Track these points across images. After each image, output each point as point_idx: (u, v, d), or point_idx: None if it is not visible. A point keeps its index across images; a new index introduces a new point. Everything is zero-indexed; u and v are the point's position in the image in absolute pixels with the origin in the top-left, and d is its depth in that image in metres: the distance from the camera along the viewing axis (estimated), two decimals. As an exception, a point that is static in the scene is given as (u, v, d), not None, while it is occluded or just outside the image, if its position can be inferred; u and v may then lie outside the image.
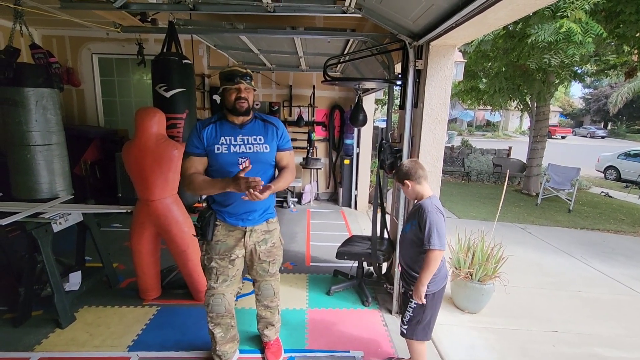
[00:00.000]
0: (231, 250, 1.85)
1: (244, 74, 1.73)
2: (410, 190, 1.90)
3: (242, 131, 1.78)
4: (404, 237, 1.97)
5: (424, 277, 1.77)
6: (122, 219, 4.56)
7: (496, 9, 1.55)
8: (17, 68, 2.55)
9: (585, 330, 2.76)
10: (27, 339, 2.26)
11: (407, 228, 1.92)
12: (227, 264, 1.86)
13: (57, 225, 2.44)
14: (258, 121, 1.85)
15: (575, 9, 4.33)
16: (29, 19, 2.87)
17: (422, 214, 1.77)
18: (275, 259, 2.00)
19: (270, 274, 2.02)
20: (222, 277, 1.87)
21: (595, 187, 9.76)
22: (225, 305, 1.93)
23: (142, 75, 5.55)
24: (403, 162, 1.95)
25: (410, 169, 1.88)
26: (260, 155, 1.77)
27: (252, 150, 1.77)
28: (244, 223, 1.84)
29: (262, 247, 1.91)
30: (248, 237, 1.86)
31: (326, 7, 2.33)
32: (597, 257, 4.39)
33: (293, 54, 4.33)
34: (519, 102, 8.32)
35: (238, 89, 1.71)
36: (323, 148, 6.14)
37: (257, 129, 1.82)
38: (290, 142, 1.91)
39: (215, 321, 1.95)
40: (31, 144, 2.64)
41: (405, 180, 1.87)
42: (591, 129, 29.48)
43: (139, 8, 2.47)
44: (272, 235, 1.95)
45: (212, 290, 1.91)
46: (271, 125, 1.84)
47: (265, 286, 2.07)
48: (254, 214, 1.84)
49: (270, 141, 1.81)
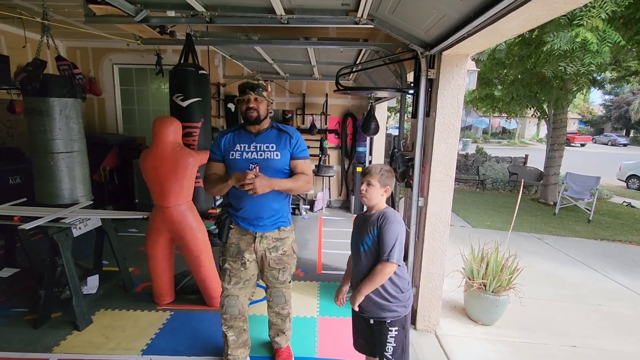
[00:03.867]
0: (242, 253, 1.92)
1: (254, 86, 1.83)
2: (383, 196, 1.67)
3: (257, 139, 1.87)
4: (362, 255, 1.67)
5: (367, 288, 1.60)
6: (138, 224, 4.67)
7: (508, 20, 1.55)
8: (44, 79, 2.68)
9: (606, 346, 2.66)
10: (46, 340, 2.33)
11: (368, 241, 1.64)
12: (239, 267, 1.93)
13: (77, 230, 2.53)
14: (273, 130, 1.92)
15: (592, 17, 4.26)
16: (55, 32, 3.02)
17: (385, 223, 1.59)
18: (286, 267, 2.01)
19: (280, 282, 2.04)
20: (234, 279, 1.94)
21: (617, 196, 9.44)
22: (239, 308, 1.99)
23: (159, 84, 5.72)
24: (383, 166, 1.70)
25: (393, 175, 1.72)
26: (270, 162, 1.83)
27: (263, 157, 1.84)
28: (254, 228, 1.90)
29: (272, 254, 1.94)
30: (258, 243, 1.91)
31: (339, 19, 2.37)
32: (619, 270, 4.24)
33: (306, 63, 4.39)
34: (536, 110, 8.17)
35: (248, 99, 1.81)
36: (335, 156, 6.16)
37: (270, 137, 1.89)
38: (305, 152, 1.93)
39: (228, 323, 2.00)
40: (54, 152, 2.75)
41: (388, 186, 1.66)
42: (612, 137, 28.62)
43: (159, 22, 2.58)
44: (283, 243, 1.97)
45: (225, 291, 1.99)
46: (285, 134, 1.90)
47: (277, 293, 2.10)
48: (264, 220, 1.89)
49: (282, 149, 1.86)
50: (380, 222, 1.61)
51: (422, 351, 2.42)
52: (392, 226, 1.58)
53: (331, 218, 5.59)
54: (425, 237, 2.54)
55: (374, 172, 1.65)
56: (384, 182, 1.64)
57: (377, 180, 1.63)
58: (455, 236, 4.01)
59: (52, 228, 2.41)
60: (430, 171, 2.46)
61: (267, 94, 1.87)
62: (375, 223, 1.62)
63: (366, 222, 1.67)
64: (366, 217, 1.70)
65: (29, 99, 2.68)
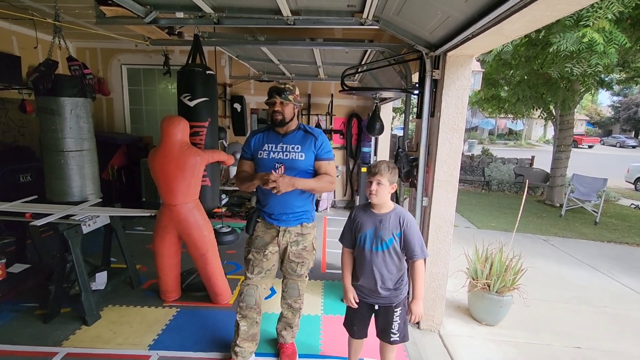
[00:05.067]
0: (266, 245, 2.02)
1: (280, 90, 1.90)
2: (390, 193, 1.72)
3: (284, 140, 1.97)
4: (381, 255, 1.72)
5: (422, 291, 1.73)
6: (145, 222, 4.73)
7: (512, 21, 1.57)
8: (55, 79, 2.74)
9: (611, 348, 2.65)
10: (56, 334, 2.38)
11: (389, 242, 1.70)
12: (262, 257, 2.02)
13: (86, 227, 2.58)
14: (300, 132, 2.01)
15: (599, 18, 4.23)
16: (65, 32, 3.08)
17: (408, 225, 1.69)
18: (304, 261, 2.08)
19: (298, 275, 2.10)
20: (257, 268, 2.03)
21: (625, 198, 9.34)
22: (256, 298, 2.05)
23: (167, 84, 5.79)
24: (389, 163, 1.72)
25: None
26: (295, 162, 1.92)
27: (289, 157, 1.93)
28: (279, 223, 2.00)
29: (293, 248, 2.03)
30: (282, 237, 2.01)
31: (345, 20, 2.40)
32: (626, 272, 4.20)
33: (312, 64, 4.42)
34: (543, 111, 8.12)
35: (274, 102, 1.90)
36: (340, 156, 6.18)
37: (297, 138, 1.97)
38: (330, 153, 2.00)
39: (243, 312, 2.05)
40: (65, 150, 2.81)
41: (394, 183, 1.71)
42: (621, 138, 28.26)
43: (168, 23, 2.62)
44: (305, 238, 2.05)
45: (247, 280, 2.06)
46: (311, 136, 1.98)
47: (292, 285, 2.15)
48: (288, 215, 1.98)
49: (306, 150, 1.93)
50: (403, 225, 1.69)
51: (426, 351, 2.44)
52: (415, 226, 1.70)
53: (336, 218, 5.61)
54: (430, 237, 2.55)
55: (384, 171, 1.67)
56: (392, 180, 1.70)
57: (387, 179, 1.68)
58: (459, 237, 4.01)
59: (62, 225, 2.47)
60: (435, 171, 2.48)
61: (294, 97, 1.94)
62: (399, 226, 1.69)
63: (381, 223, 1.71)
64: (375, 216, 1.73)
65: (40, 98, 2.74)
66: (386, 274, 1.73)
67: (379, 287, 1.75)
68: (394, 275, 1.75)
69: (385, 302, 1.79)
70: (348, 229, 1.83)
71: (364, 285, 1.79)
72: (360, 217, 1.79)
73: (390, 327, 1.81)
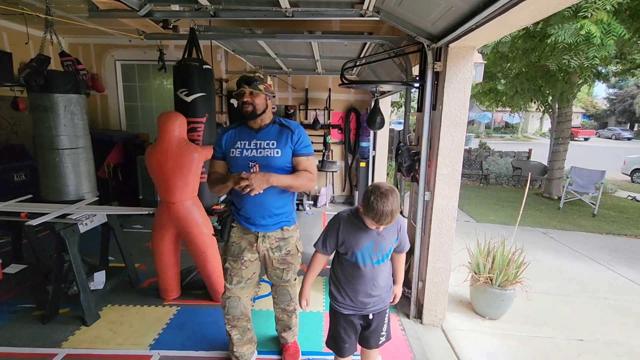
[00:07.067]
0: (243, 252, 1.87)
1: (249, 79, 1.74)
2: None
3: (257, 136, 1.80)
4: (377, 268, 1.60)
5: (403, 274, 1.80)
6: (144, 220, 4.68)
7: (518, 10, 1.53)
8: (48, 75, 2.67)
9: (613, 340, 2.65)
10: (55, 335, 2.35)
11: (389, 253, 1.62)
12: (239, 266, 1.88)
13: (83, 226, 2.53)
14: (275, 126, 1.83)
15: (597, 9, 4.20)
16: (56, 28, 3.00)
17: (401, 227, 1.64)
18: (290, 266, 1.96)
19: (285, 281, 2.00)
20: (236, 278, 1.90)
21: (622, 190, 9.40)
22: (241, 309, 1.95)
23: (162, 80, 5.70)
24: (394, 200, 1.45)
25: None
26: (270, 160, 1.75)
27: (263, 154, 1.76)
28: (256, 228, 1.84)
29: (275, 254, 1.89)
30: (260, 243, 1.86)
31: (344, 11, 2.34)
32: (625, 264, 4.22)
33: (310, 58, 4.36)
34: (540, 104, 8.11)
35: (242, 93, 1.75)
36: (339, 151, 6.14)
37: (271, 133, 1.80)
38: (309, 148, 1.83)
39: (231, 323, 1.97)
40: (60, 148, 2.75)
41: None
42: (616, 131, 28.42)
43: (162, 16, 2.55)
44: (287, 242, 1.91)
45: (227, 292, 1.94)
46: (287, 130, 1.81)
47: (282, 291, 2.07)
48: (266, 219, 1.82)
49: (283, 146, 1.77)
50: (400, 230, 1.63)
51: (429, 345, 2.42)
52: (405, 225, 1.67)
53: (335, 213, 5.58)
54: (432, 232, 2.53)
55: (394, 215, 1.46)
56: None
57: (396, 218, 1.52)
58: (460, 231, 3.98)
59: (58, 224, 2.42)
60: (437, 165, 2.45)
61: (266, 86, 1.78)
62: (396, 232, 1.61)
63: (380, 235, 1.56)
64: (370, 229, 1.55)
65: (33, 95, 2.67)
66: (384, 281, 1.65)
67: (376, 297, 1.65)
68: (389, 278, 1.70)
69: (380, 307, 1.68)
70: (331, 238, 1.62)
71: (361, 299, 1.63)
72: (350, 233, 1.58)
73: (380, 329, 1.72)
